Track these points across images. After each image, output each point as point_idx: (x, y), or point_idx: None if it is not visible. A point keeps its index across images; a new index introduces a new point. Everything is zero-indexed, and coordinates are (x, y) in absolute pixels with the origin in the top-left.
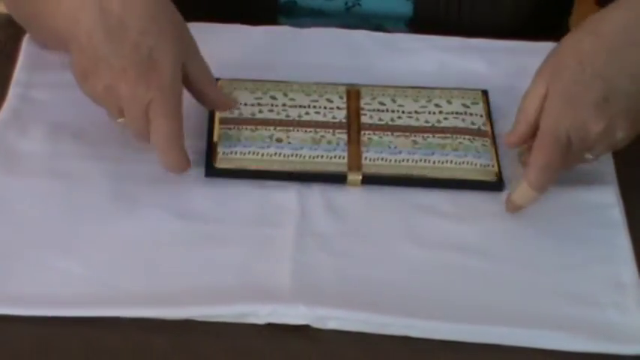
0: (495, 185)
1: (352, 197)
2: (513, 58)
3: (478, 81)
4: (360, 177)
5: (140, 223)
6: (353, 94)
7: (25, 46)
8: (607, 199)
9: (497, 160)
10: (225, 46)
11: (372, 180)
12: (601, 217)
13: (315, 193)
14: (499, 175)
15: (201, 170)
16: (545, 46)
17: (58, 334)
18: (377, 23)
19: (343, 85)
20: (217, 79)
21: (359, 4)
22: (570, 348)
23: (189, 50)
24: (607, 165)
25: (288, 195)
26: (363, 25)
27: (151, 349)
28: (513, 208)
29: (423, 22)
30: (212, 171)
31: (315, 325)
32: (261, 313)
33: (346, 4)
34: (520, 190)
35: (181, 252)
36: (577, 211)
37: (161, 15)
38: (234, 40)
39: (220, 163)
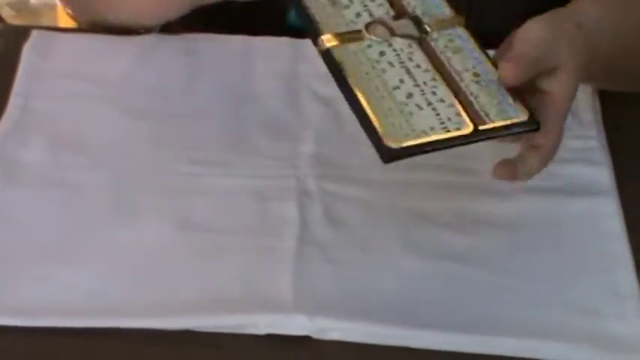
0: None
1: (353, 207)
2: None
3: None
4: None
5: (140, 234)
6: None
7: (25, 56)
8: (606, 210)
9: None
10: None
11: None
12: (601, 227)
13: (316, 202)
14: None
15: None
16: None
17: (57, 345)
18: None
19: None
20: None
21: None
22: (570, 358)
23: None
24: (606, 175)
25: (288, 205)
26: None
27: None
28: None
29: None
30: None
31: (316, 336)
32: (261, 324)
33: None
34: None
35: (182, 262)
36: (577, 222)
37: None
38: (232, 50)
39: None
